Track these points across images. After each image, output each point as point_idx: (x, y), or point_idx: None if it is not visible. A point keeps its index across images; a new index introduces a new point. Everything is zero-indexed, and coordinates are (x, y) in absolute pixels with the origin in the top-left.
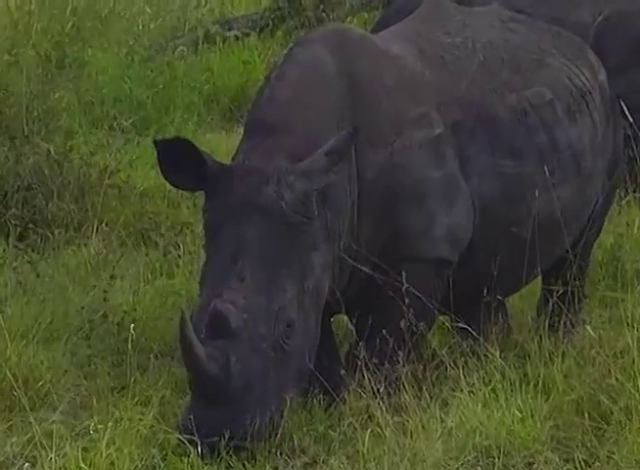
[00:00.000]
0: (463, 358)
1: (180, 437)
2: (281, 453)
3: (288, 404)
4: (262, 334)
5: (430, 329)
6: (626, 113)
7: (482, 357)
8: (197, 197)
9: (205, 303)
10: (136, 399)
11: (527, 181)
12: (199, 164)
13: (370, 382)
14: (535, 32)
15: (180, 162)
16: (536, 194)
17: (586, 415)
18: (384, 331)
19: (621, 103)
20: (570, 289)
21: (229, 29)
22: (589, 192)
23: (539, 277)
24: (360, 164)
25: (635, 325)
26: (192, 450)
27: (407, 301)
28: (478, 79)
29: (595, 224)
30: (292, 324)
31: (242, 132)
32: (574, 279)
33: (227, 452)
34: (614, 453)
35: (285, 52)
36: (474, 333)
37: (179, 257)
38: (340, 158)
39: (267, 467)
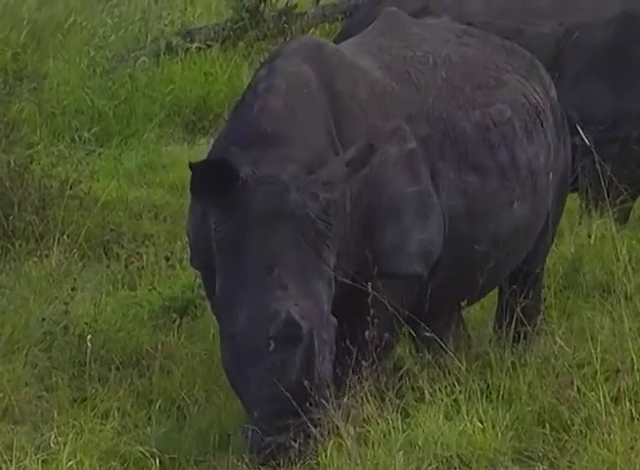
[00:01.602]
0: (426, 369)
1: (142, 449)
2: (242, 463)
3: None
4: (325, 341)
5: (397, 342)
6: (580, 130)
7: (445, 368)
8: (158, 208)
9: (254, 313)
10: (97, 412)
11: (490, 198)
12: (232, 177)
13: (333, 393)
14: (490, 47)
15: (214, 180)
16: (498, 210)
17: (547, 426)
18: (347, 342)
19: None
20: (527, 300)
21: (191, 41)
22: (542, 208)
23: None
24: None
25: (595, 335)
26: (152, 463)
27: (373, 312)
28: (443, 95)
29: (547, 237)
30: (336, 328)
31: (206, 143)
32: (531, 290)
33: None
34: (574, 464)
35: (261, 64)
36: (440, 343)
37: (141, 268)
38: (361, 168)
39: None
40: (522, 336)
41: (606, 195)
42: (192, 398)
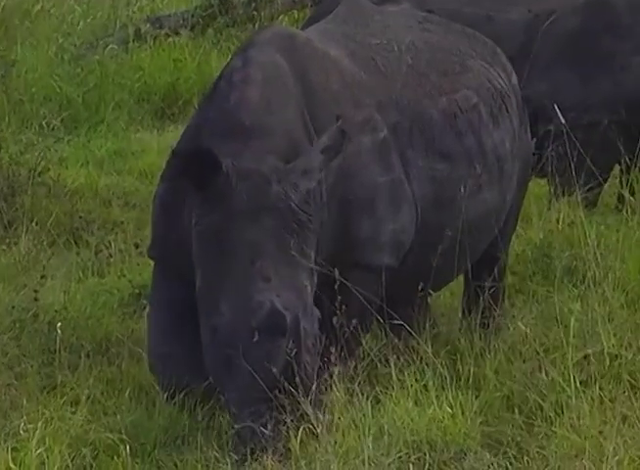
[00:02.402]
0: (395, 355)
1: (111, 436)
2: (211, 449)
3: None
4: (308, 332)
5: (367, 330)
6: (558, 112)
7: (414, 354)
8: (127, 195)
9: (238, 304)
10: (66, 399)
11: (458, 184)
12: (215, 170)
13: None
14: (452, 34)
15: (196, 169)
16: (465, 197)
17: (516, 411)
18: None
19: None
20: (493, 285)
21: (160, 27)
22: (508, 194)
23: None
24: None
25: (565, 320)
26: (122, 450)
27: (341, 299)
28: (410, 82)
29: (511, 222)
30: (319, 320)
31: (175, 130)
32: (495, 275)
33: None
34: (543, 448)
35: (233, 54)
36: (409, 329)
37: (110, 256)
38: (334, 155)
39: (199, 465)
40: (488, 321)
41: (575, 181)
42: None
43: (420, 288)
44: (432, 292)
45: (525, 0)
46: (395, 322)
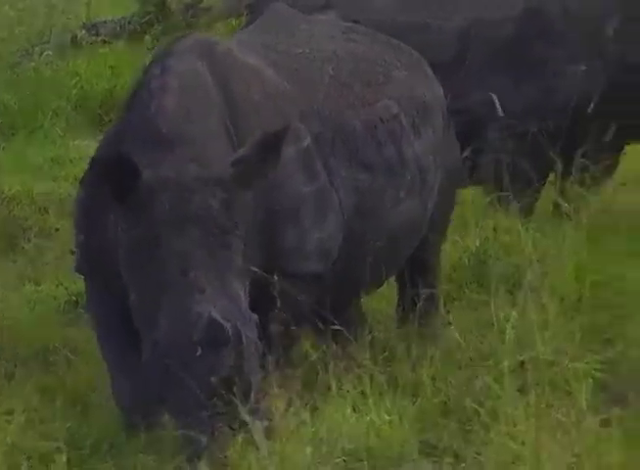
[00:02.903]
0: (333, 362)
1: (47, 444)
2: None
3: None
4: (250, 338)
5: (299, 337)
6: (499, 111)
7: (352, 361)
8: (64, 202)
9: (175, 317)
10: (2, 407)
11: (380, 194)
12: (134, 178)
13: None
14: (377, 44)
15: (116, 177)
16: (388, 207)
17: (453, 417)
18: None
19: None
20: (428, 292)
21: (96, 34)
22: (430, 204)
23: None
24: None
25: (501, 327)
26: (59, 458)
27: (276, 307)
28: (332, 92)
29: (438, 231)
30: (258, 324)
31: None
32: (427, 282)
33: None
34: (480, 455)
35: (150, 62)
36: (347, 335)
37: (47, 263)
38: (249, 165)
39: None
40: (423, 328)
41: (510, 188)
42: (98, 392)
43: (352, 295)
44: (361, 298)
45: (460, 9)
46: (334, 328)
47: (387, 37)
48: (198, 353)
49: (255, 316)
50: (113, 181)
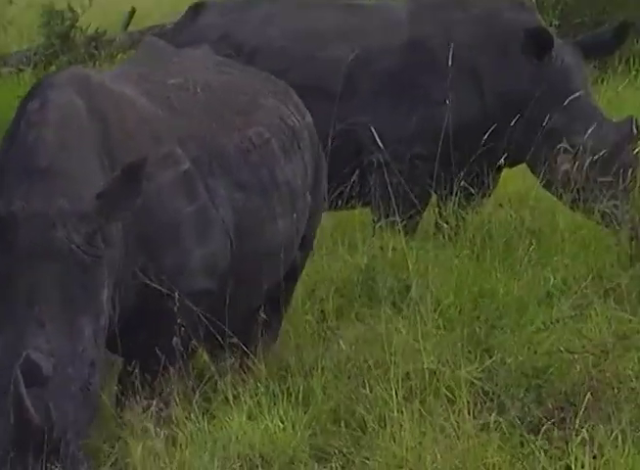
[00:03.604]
0: (229, 373)
1: None
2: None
3: None
4: (72, 377)
5: (194, 350)
6: (378, 141)
7: (248, 372)
8: None
9: (9, 347)
10: None
11: (255, 214)
12: None
13: (143, 397)
14: (246, 75)
15: None
16: (262, 226)
17: (343, 424)
18: (156, 349)
19: (373, 132)
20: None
21: (4, 65)
22: (300, 224)
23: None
24: None
25: (388, 339)
26: None
27: (179, 321)
28: (204, 119)
29: (305, 249)
30: (93, 363)
31: None
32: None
33: None
34: (368, 459)
35: (28, 94)
36: (244, 348)
37: None
38: (113, 199)
39: None
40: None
41: (396, 209)
42: None
43: (244, 309)
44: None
45: (348, 39)
46: (231, 341)
47: (255, 69)
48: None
49: (92, 355)
50: None
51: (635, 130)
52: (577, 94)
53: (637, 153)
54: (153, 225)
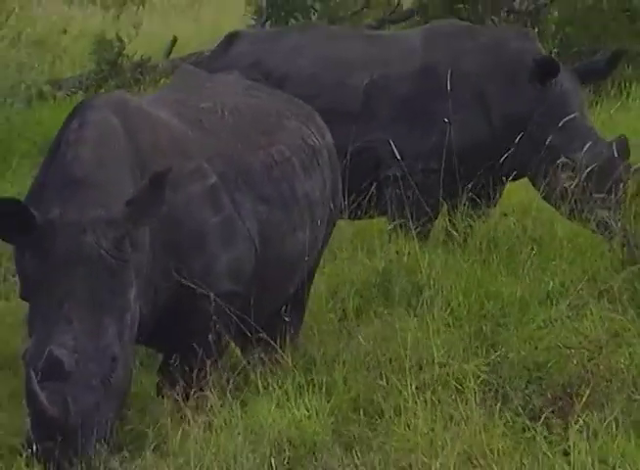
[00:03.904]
0: (261, 365)
1: (16, 440)
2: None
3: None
4: (93, 372)
5: (229, 343)
6: (397, 156)
7: (276, 364)
8: None
9: (39, 345)
10: None
11: (277, 225)
12: (28, 219)
13: (182, 387)
14: (272, 98)
15: (8, 219)
16: (283, 235)
17: (362, 412)
18: (194, 345)
19: (393, 148)
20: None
21: (59, 89)
22: (319, 233)
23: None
24: None
25: (402, 335)
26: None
27: (214, 318)
28: (231, 139)
29: (321, 253)
30: (116, 359)
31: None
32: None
33: None
34: (385, 444)
35: (71, 114)
36: (272, 343)
37: (16, 283)
38: (141, 207)
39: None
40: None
41: (410, 217)
42: None
43: (270, 308)
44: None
45: (367, 67)
46: (261, 337)
47: (281, 93)
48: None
49: (114, 352)
50: (5, 226)
51: (626, 149)
52: (574, 115)
53: (627, 169)
54: (181, 232)
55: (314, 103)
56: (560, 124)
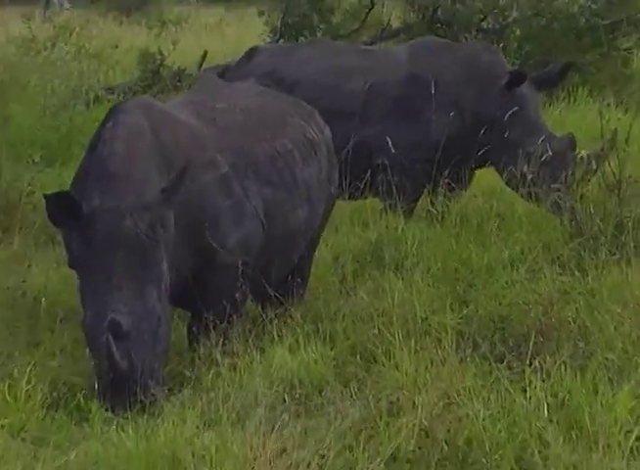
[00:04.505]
0: (276, 319)
1: (77, 378)
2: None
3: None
4: (145, 329)
5: (245, 300)
6: (390, 147)
7: (289, 318)
8: None
9: (96, 313)
10: (47, 351)
11: (280, 205)
12: (77, 209)
13: (213, 336)
14: (279, 100)
15: (63, 208)
16: (287, 213)
17: (359, 357)
18: (223, 301)
19: (388, 141)
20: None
21: (112, 93)
22: (316, 213)
23: None
24: None
25: (391, 294)
26: (84, 386)
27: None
28: (241, 134)
29: (321, 227)
30: (160, 318)
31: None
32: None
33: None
34: (378, 382)
35: (106, 116)
36: (282, 300)
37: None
38: (172, 194)
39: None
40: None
41: (397, 198)
42: None
43: (281, 272)
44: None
45: (363, 74)
46: (275, 295)
47: (287, 96)
48: (103, 339)
49: (158, 310)
50: (56, 213)
51: (573, 143)
52: (531, 115)
53: (574, 159)
54: (199, 214)
55: (319, 104)
56: (519, 123)
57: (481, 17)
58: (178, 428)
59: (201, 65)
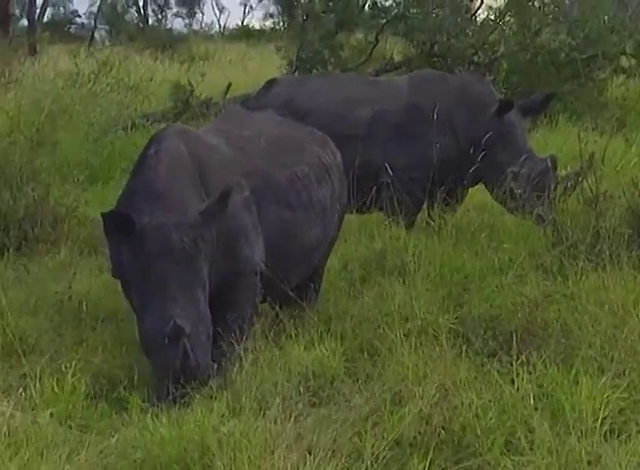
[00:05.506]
0: (292, 319)
1: (119, 371)
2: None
3: None
4: (201, 331)
5: (260, 302)
6: (389, 171)
7: (305, 318)
8: None
9: (154, 318)
10: (90, 348)
11: (298, 225)
12: (130, 225)
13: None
14: (296, 129)
15: (119, 224)
16: (303, 233)
17: (366, 353)
18: (245, 304)
19: (386, 165)
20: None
21: (147, 120)
22: (329, 229)
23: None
24: None
25: (394, 297)
26: (125, 380)
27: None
28: (264, 159)
29: (332, 243)
30: (210, 318)
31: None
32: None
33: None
34: (382, 375)
35: (148, 142)
36: (299, 302)
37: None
38: (213, 214)
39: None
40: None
41: (399, 212)
42: None
43: (296, 280)
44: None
45: (369, 102)
46: (291, 298)
47: (303, 125)
48: (166, 342)
49: (208, 313)
50: (112, 228)
51: (555, 163)
52: (518, 139)
53: (556, 177)
54: (233, 230)
55: (330, 129)
56: (507, 145)
57: (473, 51)
58: (206, 416)
59: (225, 94)
